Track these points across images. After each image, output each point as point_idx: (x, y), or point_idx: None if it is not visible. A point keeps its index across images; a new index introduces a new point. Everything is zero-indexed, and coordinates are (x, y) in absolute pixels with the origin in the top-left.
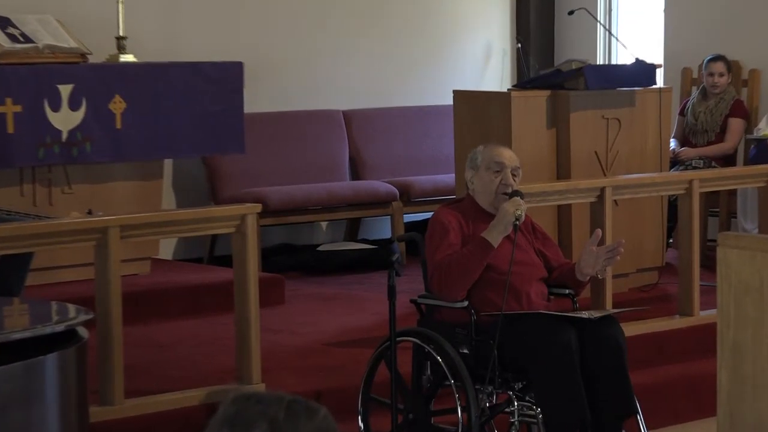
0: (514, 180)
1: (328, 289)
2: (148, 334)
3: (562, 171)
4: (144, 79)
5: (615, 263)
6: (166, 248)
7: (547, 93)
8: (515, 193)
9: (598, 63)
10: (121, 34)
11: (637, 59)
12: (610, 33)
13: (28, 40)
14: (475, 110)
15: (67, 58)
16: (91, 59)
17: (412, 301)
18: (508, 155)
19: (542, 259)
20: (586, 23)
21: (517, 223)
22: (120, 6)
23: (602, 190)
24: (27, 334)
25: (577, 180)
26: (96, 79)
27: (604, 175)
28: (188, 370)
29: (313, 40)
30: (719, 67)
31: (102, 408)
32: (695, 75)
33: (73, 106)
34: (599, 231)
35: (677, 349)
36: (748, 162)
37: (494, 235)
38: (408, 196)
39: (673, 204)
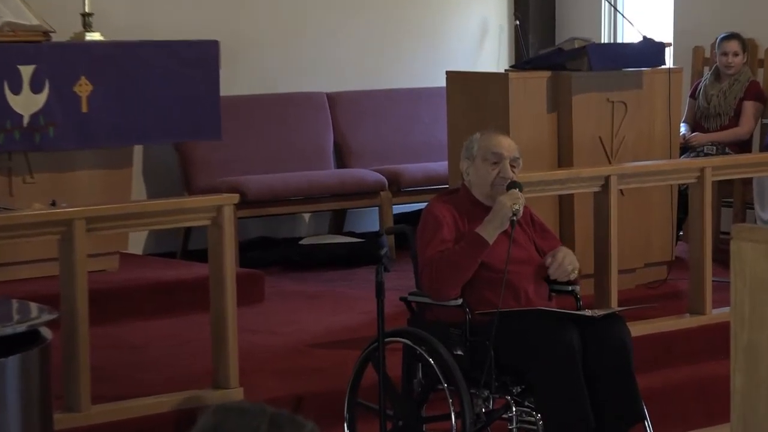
0: (513, 171)
1: (311, 286)
2: (116, 335)
3: (564, 158)
4: (112, 60)
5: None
6: (136, 242)
7: (547, 74)
8: (513, 185)
9: (602, 41)
10: (86, 10)
11: (644, 37)
12: (615, 9)
13: None
14: (470, 93)
15: (28, 36)
16: (55, 38)
17: (402, 299)
18: (506, 144)
19: (541, 254)
20: None
21: (515, 218)
22: None
23: (607, 178)
24: None
25: (580, 168)
26: (60, 60)
27: (609, 162)
28: (160, 373)
29: (294, 16)
30: (733, 46)
31: (67, 414)
32: (707, 54)
33: (35, 88)
34: (547, 259)
35: (687, 350)
36: (764, 148)
37: (489, 231)
38: (397, 186)
39: (683, 194)
